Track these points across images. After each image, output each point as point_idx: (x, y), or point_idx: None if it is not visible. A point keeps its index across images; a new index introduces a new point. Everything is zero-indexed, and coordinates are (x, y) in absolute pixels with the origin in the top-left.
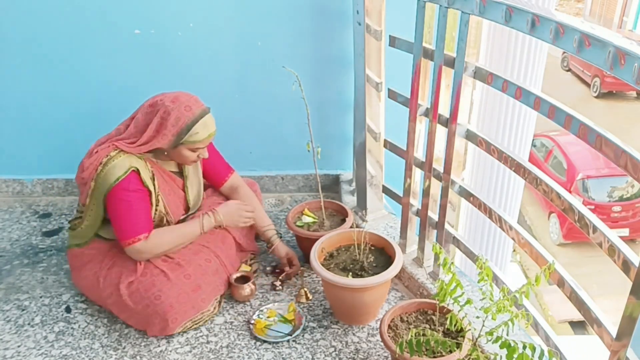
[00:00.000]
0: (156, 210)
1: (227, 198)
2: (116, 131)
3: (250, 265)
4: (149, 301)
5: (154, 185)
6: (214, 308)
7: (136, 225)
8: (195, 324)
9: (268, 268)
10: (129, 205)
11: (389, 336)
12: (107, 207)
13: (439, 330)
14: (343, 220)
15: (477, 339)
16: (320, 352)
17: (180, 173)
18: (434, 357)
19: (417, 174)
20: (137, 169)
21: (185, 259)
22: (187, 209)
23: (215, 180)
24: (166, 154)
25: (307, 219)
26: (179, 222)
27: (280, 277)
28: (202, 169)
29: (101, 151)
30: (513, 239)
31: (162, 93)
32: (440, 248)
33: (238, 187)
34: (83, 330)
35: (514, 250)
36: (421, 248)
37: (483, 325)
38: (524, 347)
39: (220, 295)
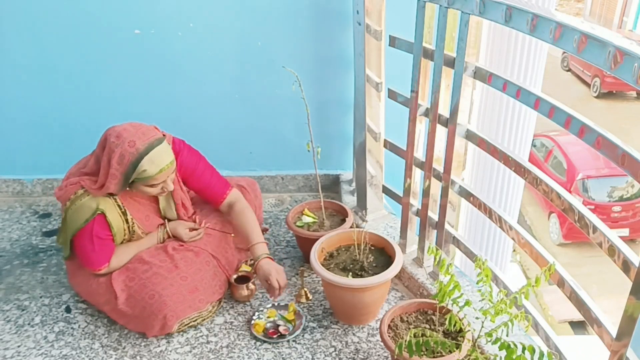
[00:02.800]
0: (133, 236)
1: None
2: (83, 162)
3: (250, 265)
4: (145, 302)
5: (125, 219)
6: (214, 308)
7: (97, 261)
8: (193, 321)
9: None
10: (92, 247)
11: (389, 336)
12: (73, 240)
13: (438, 330)
14: (343, 220)
15: (476, 339)
16: (320, 352)
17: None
18: (434, 357)
19: (417, 174)
20: (104, 212)
21: (183, 261)
22: (163, 217)
23: (212, 201)
24: (129, 190)
25: (307, 219)
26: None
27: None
28: (197, 190)
29: (70, 187)
30: (513, 239)
31: (113, 127)
32: (437, 250)
33: (234, 204)
34: (83, 330)
35: (514, 250)
36: (421, 248)
37: (482, 326)
38: (523, 349)
39: (219, 298)
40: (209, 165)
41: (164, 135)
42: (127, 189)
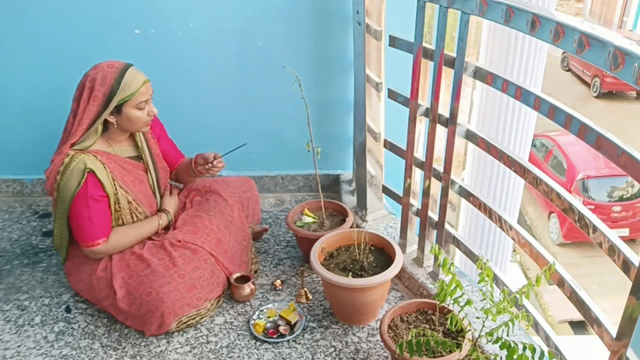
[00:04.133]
0: (119, 207)
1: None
2: (64, 131)
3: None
4: (142, 300)
5: (113, 183)
6: (212, 306)
7: (95, 231)
8: (191, 319)
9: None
10: (89, 212)
11: (389, 336)
12: (69, 214)
13: (439, 330)
14: (343, 220)
15: (477, 339)
16: (320, 352)
17: (139, 157)
18: (434, 357)
19: (417, 174)
20: (93, 170)
21: (181, 259)
22: (154, 194)
23: (171, 163)
24: (116, 127)
25: (307, 219)
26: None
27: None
28: (163, 150)
29: (57, 159)
30: (513, 239)
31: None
32: (439, 249)
33: (180, 165)
34: (83, 330)
35: (514, 250)
36: (421, 248)
37: (483, 326)
38: (524, 348)
39: (218, 296)
40: (167, 135)
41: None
42: (114, 121)
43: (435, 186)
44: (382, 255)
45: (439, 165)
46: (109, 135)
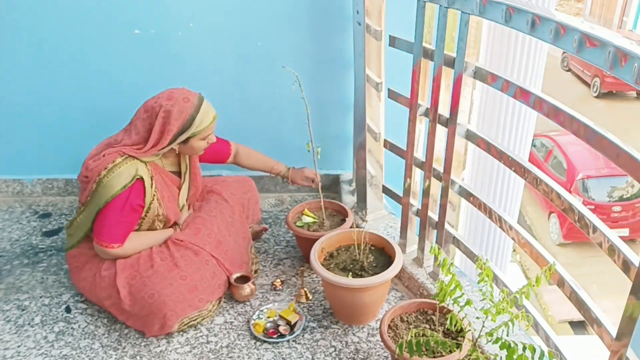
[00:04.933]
0: (146, 215)
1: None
2: (114, 139)
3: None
4: (144, 301)
5: (153, 195)
6: (214, 307)
7: (115, 235)
8: (193, 320)
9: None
10: (120, 217)
11: (389, 336)
12: (101, 210)
13: (439, 330)
14: (343, 220)
15: (477, 339)
16: (320, 352)
17: (179, 172)
18: (434, 357)
19: (417, 174)
20: (142, 178)
21: (182, 260)
22: (180, 210)
23: (220, 159)
24: (177, 153)
25: (307, 219)
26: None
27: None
28: (212, 151)
29: (108, 156)
30: (513, 239)
31: (152, 97)
32: (439, 249)
33: (238, 150)
34: (83, 330)
35: (514, 250)
36: (421, 248)
37: (483, 326)
38: (524, 349)
39: (219, 297)
40: None
41: None
42: (177, 148)
43: (435, 186)
44: (382, 255)
45: (439, 165)
46: (166, 153)
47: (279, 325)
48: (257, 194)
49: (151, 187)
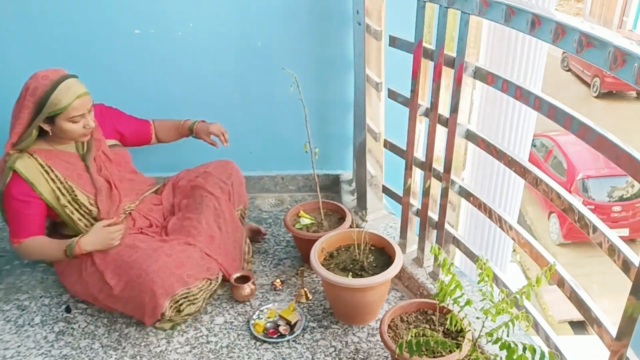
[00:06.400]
0: (67, 193)
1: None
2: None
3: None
4: (133, 282)
5: (52, 177)
6: (203, 288)
7: (15, 230)
8: (184, 298)
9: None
10: (11, 211)
11: (389, 336)
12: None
13: (439, 330)
14: (341, 219)
15: (477, 339)
16: (320, 352)
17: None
18: (434, 357)
19: (417, 174)
20: (16, 169)
21: (170, 241)
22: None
23: (143, 140)
24: (51, 134)
25: (305, 221)
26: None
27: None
28: (130, 133)
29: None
30: (513, 239)
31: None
32: (439, 249)
33: (155, 127)
34: (83, 330)
35: (514, 250)
36: (421, 248)
37: (483, 326)
38: (524, 349)
39: (208, 278)
40: (122, 112)
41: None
42: (48, 129)
43: (435, 186)
44: (382, 255)
45: (439, 165)
46: (51, 138)
47: (279, 325)
48: (240, 176)
49: (44, 175)
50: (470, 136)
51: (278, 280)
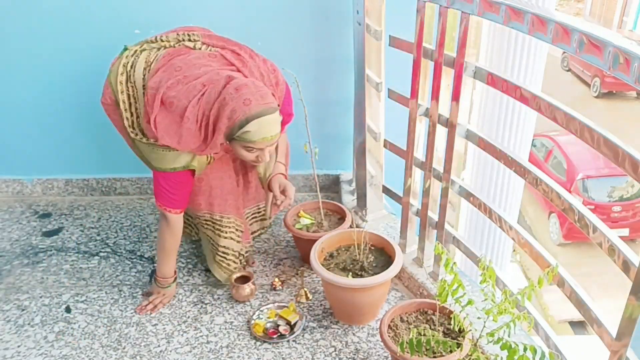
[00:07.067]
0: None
1: None
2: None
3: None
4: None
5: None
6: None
7: (174, 201)
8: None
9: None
10: (171, 189)
11: (389, 336)
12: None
13: (439, 330)
14: (340, 220)
15: (477, 339)
16: (320, 352)
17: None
18: (434, 357)
19: (417, 174)
20: (195, 168)
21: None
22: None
23: None
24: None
25: (305, 221)
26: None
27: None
28: None
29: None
30: (513, 239)
31: (232, 76)
32: (442, 248)
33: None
34: (83, 330)
35: (514, 250)
36: (421, 248)
37: (484, 326)
38: (525, 349)
39: (234, 217)
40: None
41: (278, 105)
42: (223, 141)
43: (436, 186)
44: (382, 255)
45: (439, 165)
46: None
47: (279, 325)
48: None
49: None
50: (470, 136)
51: (278, 280)
